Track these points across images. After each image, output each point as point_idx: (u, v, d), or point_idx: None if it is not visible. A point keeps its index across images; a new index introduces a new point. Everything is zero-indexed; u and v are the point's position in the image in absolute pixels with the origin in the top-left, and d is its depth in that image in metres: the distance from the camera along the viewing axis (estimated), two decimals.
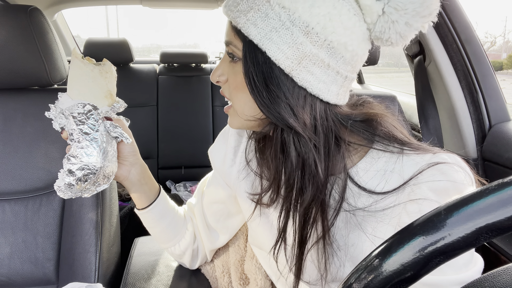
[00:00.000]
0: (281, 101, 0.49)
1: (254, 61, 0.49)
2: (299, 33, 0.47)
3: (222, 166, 0.71)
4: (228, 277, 0.79)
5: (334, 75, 0.50)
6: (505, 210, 0.22)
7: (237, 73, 0.53)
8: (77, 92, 0.61)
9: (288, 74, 0.49)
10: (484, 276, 0.28)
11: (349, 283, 0.27)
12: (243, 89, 0.52)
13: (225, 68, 0.56)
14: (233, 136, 0.71)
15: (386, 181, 0.53)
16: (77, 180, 0.59)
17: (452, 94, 1.10)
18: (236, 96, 0.54)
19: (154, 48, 18.87)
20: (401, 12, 0.49)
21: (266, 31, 0.48)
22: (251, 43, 0.49)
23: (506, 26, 13.21)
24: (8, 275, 0.91)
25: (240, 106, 0.55)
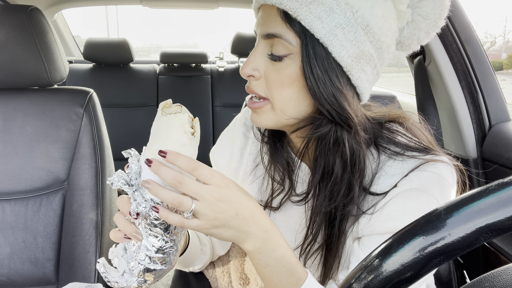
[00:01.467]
0: (344, 97, 0.49)
1: (316, 56, 0.48)
2: (361, 31, 0.47)
3: (228, 168, 0.70)
4: (228, 277, 0.79)
5: (375, 75, 0.52)
6: (505, 210, 0.22)
7: (282, 68, 0.50)
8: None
9: (346, 72, 0.49)
10: (484, 276, 0.28)
11: (349, 283, 0.27)
12: (291, 85, 0.50)
13: (260, 63, 0.53)
14: (239, 138, 0.69)
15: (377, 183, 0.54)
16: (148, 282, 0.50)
17: (452, 94, 1.10)
18: (279, 92, 0.51)
19: (154, 48, 18.87)
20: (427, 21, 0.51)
21: (331, 26, 0.46)
22: (313, 37, 0.47)
23: (506, 26, 13.22)
24: (8, 275, 0.91)
25: (284, 103, 0.52)
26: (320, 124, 0.52)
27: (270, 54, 0.51)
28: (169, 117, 0.46)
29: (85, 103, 0.99)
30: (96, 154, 0.96)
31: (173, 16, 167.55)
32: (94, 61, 2.22)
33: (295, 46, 0.49)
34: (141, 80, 2.24)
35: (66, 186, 0.95)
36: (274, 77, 0.51)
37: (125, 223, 0.48)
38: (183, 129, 0.46)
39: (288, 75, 0.50)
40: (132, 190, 0.46)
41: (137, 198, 0.45)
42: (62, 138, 0.96)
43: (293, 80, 0.50)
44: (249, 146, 0.68)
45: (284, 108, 0.52)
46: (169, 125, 0.46)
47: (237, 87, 2.23)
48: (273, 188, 0.62)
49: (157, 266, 0.47)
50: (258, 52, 0.53)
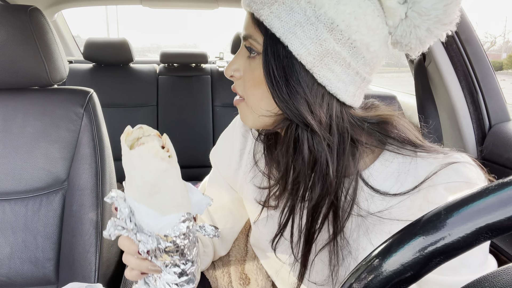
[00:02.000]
0: (300, 97, 0.49)
1: (275, 55, 0.48)
2: (323, 29, 0.47)
3: (228, 169, 0.70)
4: (228, 277, 0.79)
5: (354, 75, 0.50)
6: (505, 210, 0.22)
7: (255, 69, 0.52)
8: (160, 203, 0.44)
9: (309, 70, 0.48)
10: (484, 276, 0.28)
11: (349, 283, 0.27)
12: (260, 85, 0.51)
13: (240, 64, 0.55)
14: (239, 139, 0.69)
15: (401, 183, 0.52)
16: None
17: (452, 94, 1.10)
18: (252, 92, 0.53)
19: (154, 48, 18.88)
20: (424, 18, 0.49)
21: (290, 25, 0.47)
22: (273, 36, 0.48)
23: (506, 26, 13.21)
24: (8, 275, 0.91)
25: (256, 102, 0.53)
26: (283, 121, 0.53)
27: (248, 49, 0.53)
28: (138, 150, 0.42)
29: (85, 103, 0.99)
30: (96, 154, 0.96)
31: (173, 16, 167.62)
32: (94, 61, 2.22)
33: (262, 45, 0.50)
34: (141, 80, 2.24)
35: (66, 186, 0.95)
36: (248, 76, 0.53)
37: (137, 261, 0.47)
38: (159, 156, 0.42)
39: (258, 75, 0.51)
40: (132, 233, 0.44)
41: (141, 238, 0.44)
42: (62, 138, 0.96)
43: (262, 80, 0.51)
44: (248, 146, 0.69)
45: (258, 106, 0.54)
46: (143, 158, 0.42)
47: None
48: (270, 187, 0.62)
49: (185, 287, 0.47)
50: (240, 53, 0.55)
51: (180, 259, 0.45)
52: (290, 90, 0.49)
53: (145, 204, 0.43)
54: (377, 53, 0.50)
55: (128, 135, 0.44)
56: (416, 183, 0.51)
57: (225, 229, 0.76)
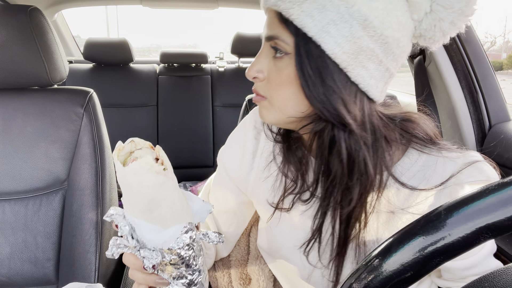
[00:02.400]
0: (337, 96, 0.48)
1: (308, 55, 0.48)
2: (357, 26, 0.46)
3: (239, 171, 0.69)
4: (228, 277, 0.79)
5: (384, 71, 0.50)
6: (505, 210, 0.22)
7: (281, 69, 0.51)
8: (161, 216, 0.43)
9: (343, 69, 0.48)
10: (484, 276, 0.28)
11: (349, 283, 0.27)
12: (289, 85, 0.51)
13: (264, 64, 0.54)
14: (251, 141, 0.69)
15: (428, 180, 0.53)
16: None
17: (452, 94, 1.10)
18: (278, 92, 0.52)
19: (154, 48, 18.87)
20: (449, 11, 0.49)
21: (323, 24, 0.46)
22: (305, 36, 0.47)
23: (506, 26, 13.20)
24: (8, 275, 0.91)
25: (283, 103, 0.52)
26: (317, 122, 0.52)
27: (274, 48, 0.52)
28: (132, 167, 0.41)
29: (85, 103, 0.99)
30: (96, 154, 0.96)
31: (173, 16, 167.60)
32: (94, 61, 2.22)
33: (292, 46, 0.49)
34: (141, 80, 2.24)
35: (66, 186, 0.95)
36: (275, 77, 0.52)
37: (143, 276, 0.46)
38: (154, 170, 0.42)
39: (287, 76, 0.51)
40: (135, 250, 0.43)
41: (145, 254, 0.43)
42: (62, 138, 0.96)
43: (291, 81, 0.50)
44: (260, 148, 0.68)
45: (283, 107, 0.53)
46: (137, 174, 0.41)
47: (237, 87, 2.23)
48: (286, 187, 0.62)
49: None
50: (263, 54, 0.54)
51: (186, 270, 0.45)
52: (327, 90, 0.48)
53: (145, 219, 0.42)
54: (405, 48, 0.51)
55: (120, 150, 0.44)
56: (442, 180, 0.52)
57: (229, 232, 0.75)
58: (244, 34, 2.22)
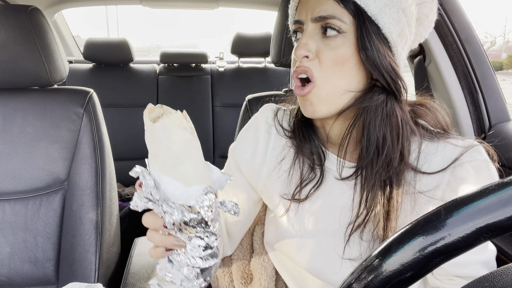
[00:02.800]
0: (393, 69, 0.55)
1: (367, 33, 0.53)
2: (401, 12, 0.54)
3: (252, 164, 0.70)
4: (229, 276, 0.79)
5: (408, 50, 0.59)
6: (505, 210, 0.22)
7: (336, 47, 0.54)
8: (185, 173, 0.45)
9: (391, 47, 0.55)
10: (484, 276, 0.28)
11: (349, 283, 0.27)
12: (345, 63, 0.54)
13: (312, 45, 0.56)
14: (263, 135, 0.70)
15: (428, 164, 0.57)
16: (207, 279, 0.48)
17: (452, 94, 1.09)
18: (332, 71, 0.55)
19: (154, 48, 18.89)
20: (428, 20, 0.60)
21: (381, 6, 0.53)
22: (365, 15, 0.53)
23: (506, 26, 13.20)
24: (8, 275, 0.91)
25: (335, 82, 0.56)
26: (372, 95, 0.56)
27: (323, 34, 0.55)
28: (162, 122, 0.44)
29: (85, 103, 0.99)
30: (96, 154, 0.96)
31: (173, 16, 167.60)
32: (94, 61, 2.22)
33: (348, 25, 0.54)
34: (141, 80, 2.24)
35: (66, 186, 0.95)
36: (329, 56, 0.55)
37: (161, 237, 0.47)
38: (182, 126, 0.44)
39: (343, 53, 0.54)
40: (159, 204, 0.44)
41: (167, 209, 0.44)
42: (62, 138, 0.96)
43: (348, 58, 0.54)
44: (272, 142, 0.70)
45: (335, 87, 0.56)
46: (166, 129, 0.44)
47: (237, 87, 2.23)
48: (302, 179, 0.65)
49: (209, 262, 0.47)
50: (309, 34, 0.56)
51: (204, 232, 0.46)
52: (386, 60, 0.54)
53: (170, 175, 0.44)
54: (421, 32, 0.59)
55: (150, 111, 0.45)
56: (444, 162, 0.56)
57: (236, 228, 0.76)
58: (244, 34, 2.22)
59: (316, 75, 0.56)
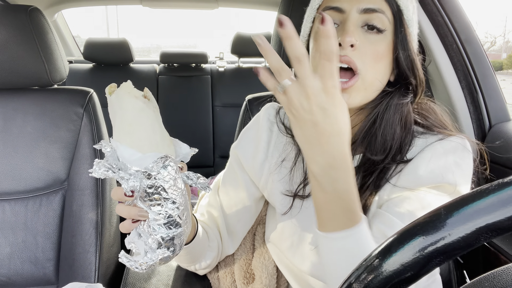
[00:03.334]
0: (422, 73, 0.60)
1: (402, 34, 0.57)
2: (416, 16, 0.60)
3: (253, 162, 0.71)
4: (231, 277, 0.79)
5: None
6: (505, 210, 0.22)
7: (377, 43, 0.56)
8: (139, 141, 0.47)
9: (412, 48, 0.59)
10: (484, 276, 0.28)
11: (349, 283, 0.27)
12: (383, 59, 0.57)
13: (357, 35, 0.56)
14: (265, 132, 0.71)
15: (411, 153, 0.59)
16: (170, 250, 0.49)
17: (452, 94, 1.09)
18: (373, 65, 0.56)
19: (154, 48, 18.89)
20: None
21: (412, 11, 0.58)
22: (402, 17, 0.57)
23: (506, 26, 13.21)
24: (8, 275, 0.91)
25: (375, 76, 0.57)
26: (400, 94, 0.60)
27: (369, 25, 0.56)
28: (115, 93, 0.47)
29: (85, 103, 0.99)
30: (96, 154, 0.96)
31: (173, 17, 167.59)
32: (94, 61, 2.22)
33: (389, 23, 0.56)
34: (141, 80, 2.24)
35: (66, 186, 0.95)
36: (370, 50, 0.56)
37: (127, 208, 0.48)
38: (133, 94, 0.47)
39: (382, 49, 0.56)
40: (116, 171, 0.46)
41: (124, 175, 0.46)
42: (62, 138, 0.96)
43: (385, 54, 0.57)
44: (273, 140, 0.71)
45: (375, 80, 0.57)
46: (118, 98, 0.47)
47: (237, 87, 2.23)
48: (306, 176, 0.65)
49: (172, 231, 0.47)
50: (354, 25, 0.56)
51: (163, 199, 0.47)
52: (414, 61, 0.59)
53: (126, 143, 0.46)
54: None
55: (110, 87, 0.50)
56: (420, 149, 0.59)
57: (238, 226, 0.76)
58: (244, 34, 2.22)
59: (360, 67, 0.55)
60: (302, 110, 0.43)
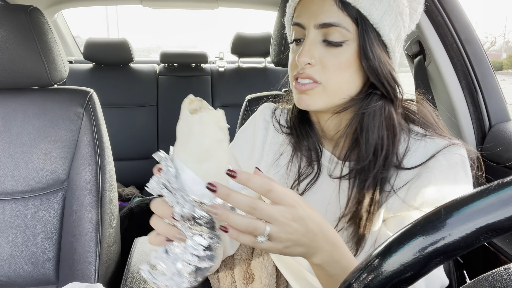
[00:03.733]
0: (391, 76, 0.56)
1: (369, 40, 0.54)
2: (399, 17, 0.55)
3: (250, 161, 0.72)
4: (231, 277, 0.79)
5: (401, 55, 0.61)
6: (505, 210, 0.22)
7: (339, 54, 0.55)
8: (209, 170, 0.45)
9: (389, 52, 0.57)
10: (484, 276, 0.28)
11: (349, 283, 0.27)
12: (347, 69, 0.56)
13: (315, 52, 0.56)
14: (261, 131, 0.72)
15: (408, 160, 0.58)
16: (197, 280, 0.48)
17: (452, 94, 1.09)
18: (336, 76, 0.56)
19: (154, 48, 18.89)
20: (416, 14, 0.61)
21: (381, 13, 0.53)
22: (368, 22, 0.53)
23: (506, 26, 13.21)
24: (8, 275, 0.91)
25: (339, 86, 0.57)
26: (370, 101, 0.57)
27: (327, 41, 0.55)
28: (200, 115, 0.45)
29: (85, 103, 0.99)
30: (96, 154, 0.96)
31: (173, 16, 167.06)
32: (94, 61, 2.22)
33: (351, 32, 0.54)
34: (141, 80, 2.24)
35: (66, 186, 0.95)
36: (332, 62, 0.56)
37: (165, 226, 0.46)
38: (219, 125, 0.45)
39: (346, 60, 0.55)
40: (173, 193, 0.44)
41: (180, 200, 0.44)
42: (62, 138, 0.96)
43: (350, 64, 0.55)
44: (269, 139, 0.71)
45: (339, 90, 0.57)
46: (203, 123, 0.44)
47: (237, 87, 2.23)
48: (300, 173, 0.66)
49: (205, 263, 0.46)
50: (312, 40, 0.56)
51: (208, 232, 0.45)
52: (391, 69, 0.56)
53: (193, 169, 0.44)
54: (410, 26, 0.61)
55: (190, 102, 0.47)
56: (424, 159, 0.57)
57: None
58: (244, 34, 2.22)
59: (321, 79, 0.57)
60: (293, 235, 0.44)
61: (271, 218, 0.43)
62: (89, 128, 0.97)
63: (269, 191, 0.43)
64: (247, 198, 0.42)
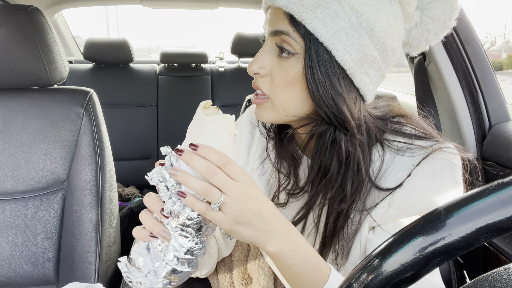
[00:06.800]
0: (342, 100, 0.50)
1: (318, 59, 0.49)
2: (365, 35, 0.48)
3: None
4: (230, 278, 0.79)
5: (380, 77, 0.53)
6: (505, 210, 0.22)
7: (287, 68, 0.51)
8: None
9: (349, 75, 0.50)
10: (484, 276, 0.28)
11: (349, 283, 0.27)
12: (294, 85, 0.52)
13: (267, 61, 0.54)
14: (246, 136, 0.70)
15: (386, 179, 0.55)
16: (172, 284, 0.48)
17: (452, 94, 1.10)
18: (282, 91, 0.53)
19: (154, 48, 18.89)
20: (435, 23, 0.53)
21: (335, 31, 0.48)
22: (317, 40, 0.48)
23: (506, 26, 13.22)
24: (8, 275, 0.91)
25: (286, 102, 0.53)
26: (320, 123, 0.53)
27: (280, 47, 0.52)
28: (215, 117, 0.45)
29: (85, 103, 0.99)
30: (96, 154, 0.96)
31: (173, 16, 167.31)
32: (94, 61, 2.22)
33: (301, 46, 0.50)
34: (141, 80, 2.24)
35: (66, 186, 0.95)
36: (280, 76, 0.52)
37: (153, 221, 0.46)
38: (229, 130, 0.45)
39: (292, 76, 0.51)
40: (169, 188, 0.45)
41: (173, 196, 0.44)
42: (62, 138, 0.96)
43: (297, 81, 0.51)
44: (255, 143, 0.70)
45: (286, 106, 0.54)
46: (215, 125, 0.45)
47: (237, 87, 2.23)
48: (280, 182, 0.64)
49: (184, 268, 0.46)
50: (266, 50, 0.54)
51: (194, 236, 0.45)
52: (335, 94, 0.50)
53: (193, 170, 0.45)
54: (398, 55, 0.54)
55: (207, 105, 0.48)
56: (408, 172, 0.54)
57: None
58: (244, 34, 2.22)
59: (268, 92, 0.55)
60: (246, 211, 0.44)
61: (227, 188, 0.43)
62: (89, 128, 0.97)
63: (226, 163, 0.43)
64: (209, 162, 0.43)
